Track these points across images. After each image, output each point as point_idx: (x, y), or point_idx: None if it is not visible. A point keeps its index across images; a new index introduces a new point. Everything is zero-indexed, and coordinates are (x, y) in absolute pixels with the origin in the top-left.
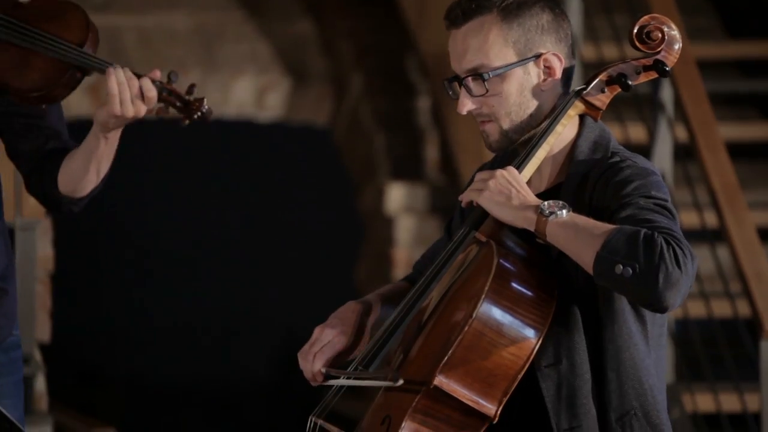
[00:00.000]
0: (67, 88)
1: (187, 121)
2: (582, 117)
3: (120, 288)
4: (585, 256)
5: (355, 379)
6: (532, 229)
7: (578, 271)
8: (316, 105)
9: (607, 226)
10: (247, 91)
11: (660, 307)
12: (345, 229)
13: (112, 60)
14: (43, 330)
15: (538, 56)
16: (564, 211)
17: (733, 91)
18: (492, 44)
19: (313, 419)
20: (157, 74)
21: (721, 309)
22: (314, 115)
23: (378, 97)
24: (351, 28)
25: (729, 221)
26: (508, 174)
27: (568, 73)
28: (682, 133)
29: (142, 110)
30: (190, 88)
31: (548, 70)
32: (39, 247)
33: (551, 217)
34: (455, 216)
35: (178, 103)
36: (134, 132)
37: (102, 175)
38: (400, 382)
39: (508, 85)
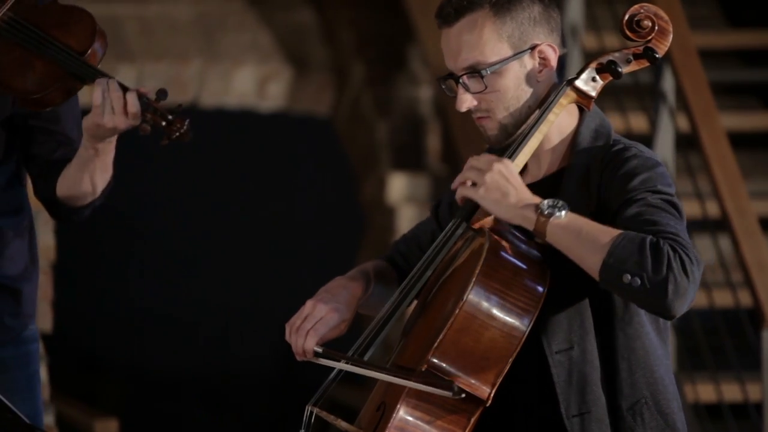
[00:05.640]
0: (62, 95)
1: (166, 141)
2: (581, 106)
3: (122, 278)
4: (589, 261)
5: (352, 365)
6: (531, 228)
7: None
8: (317, 94)
9: (611, 231)
10: (248, 81)
11: (668, 316)
12: (346, 219)
13: (112, 48)
14: (44, 320)
15: (533, 48)
16: (563, 212)
17: (734, 80)
18: (487, 40)
19: (310, 408)
20: (146, 91)
21: (723, 299)
22: (315, 104)
23: (379, 87)
24: (352, 17)
25: (730, 211)
26: (504, 168)
27: (560, 63)
28: (683, 123)
29: (122, 123)
30: (177, 108)
31: (543, 61)
32: (41, 237)
33: (551, 218)
34: (443, 199)
35: (162, 123)
36: None
37: (98, 186)
38: (396, 371)
39: (506, 79)
